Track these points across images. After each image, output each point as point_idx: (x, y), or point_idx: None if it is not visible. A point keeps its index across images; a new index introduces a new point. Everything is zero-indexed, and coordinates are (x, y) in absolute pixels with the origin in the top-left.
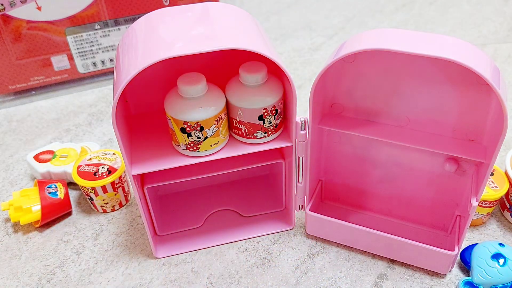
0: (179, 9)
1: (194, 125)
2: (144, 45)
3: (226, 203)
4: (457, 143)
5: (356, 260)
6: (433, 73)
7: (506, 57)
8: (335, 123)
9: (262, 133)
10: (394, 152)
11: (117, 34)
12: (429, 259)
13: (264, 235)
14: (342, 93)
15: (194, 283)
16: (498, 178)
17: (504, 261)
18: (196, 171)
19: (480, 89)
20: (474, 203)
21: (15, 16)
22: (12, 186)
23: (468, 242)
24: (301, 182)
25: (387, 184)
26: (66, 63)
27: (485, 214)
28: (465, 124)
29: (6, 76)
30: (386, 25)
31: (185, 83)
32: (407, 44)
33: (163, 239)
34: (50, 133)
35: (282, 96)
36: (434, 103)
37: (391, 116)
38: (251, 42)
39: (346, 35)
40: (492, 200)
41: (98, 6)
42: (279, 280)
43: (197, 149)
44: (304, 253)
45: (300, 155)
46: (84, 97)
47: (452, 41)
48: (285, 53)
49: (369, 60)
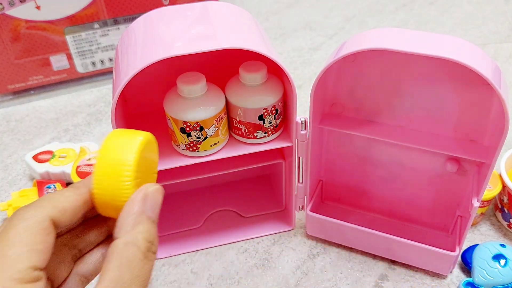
0: (178, 8)
1: (193, 125)
2: (143, 45)
3: (226, 204)
4: (458, 143)
5: (357, 261)
6: (434, 73)
7: (507, 57)
8: (335, 123)
9: (262, 133)
10: (394, 152)
11: (116, 34)
12: (430, 260)
13: (264, 235)
14: (342, 93)
15: (193, 284)
16: (492, 179)
17: (505, 262)
18: (196, 171)
19: (481, 89)
20: (475, 203)
21: (14, 16)
22: (11, 187)
23: (469, 242)
24: (302, 182)
25: (388, 184)
26: (65, 63)
27: (478, 214)
28: (466, 124)
29: (5, 75)
30: (387, 24)
31: (184, 82)
32: (408, 44)
33: (162, 240)
34: (49, 133)
35: (282, 96)
36: (435, 103)
37: (392, 116)
38: (251, 41)
39: (346, 35)
40: (485, 200)
41: (97, 5)
42: (279, 281)
43: (196, 149)
44: (305, 254)
45: (301, 155)
46: (83, 96)
47: (453, 41)
48: (285, 53)
49: (370, 60)
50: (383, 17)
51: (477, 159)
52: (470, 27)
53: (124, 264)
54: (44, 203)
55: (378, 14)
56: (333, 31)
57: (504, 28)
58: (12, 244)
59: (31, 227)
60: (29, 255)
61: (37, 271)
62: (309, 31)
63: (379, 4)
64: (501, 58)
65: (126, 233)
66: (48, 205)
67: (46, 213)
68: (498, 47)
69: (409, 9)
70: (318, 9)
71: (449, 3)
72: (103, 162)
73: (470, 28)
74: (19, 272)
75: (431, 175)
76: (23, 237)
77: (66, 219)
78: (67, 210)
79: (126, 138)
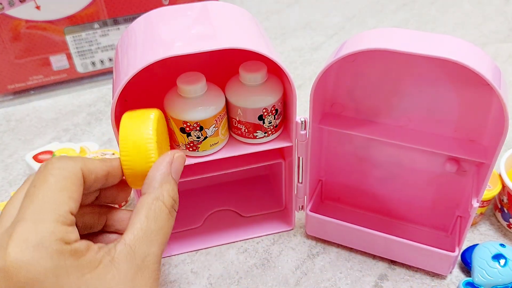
0: (178, 8)
1: (193, 124)
2: (143, 45)
3: (225, 203)
4: (457, 143)
5: (356, 261)
6: (434, 73)
7: (507, 57)
8: (335, 123)
9: (262, 133)
10: (394, 152)
11: (116, 34)
12: (429, 260)
13: (264, 235)
14: (342, 92)
15: (193, 283)
16: (492, 179)
17: (505, 262)
18: (196, 171)
19: (481, 90)
20: (475, 204)
21: (14, 16)
22: (11, 186)
23: (469, 242)
24: (301, 182)
25: (388, 184)
26: (65, 63)
27: (478, 214)
28: (466, 124)
29: (5, 75)
30: (387, 24)
31: (184, 82)
32: (408, 44)
33: None
34: (49, 133)
35: (282, 95)
36: (435, 103)
37: (392, 116)
38: (251, 41)
39: (346, 35)
40: (485, 200)
41: (97, 5)
42: (279, 281)
43: (196, 149)
44: (304, 254)
45: (300, 155)
46: (83, 96)
47: (453, 41)
48: (285, 53)
49: (370, 60)
50: (383, 17)
51: (477, 159)
52: (470, 27)
53: (151, 216)
54: (78, 159)
55: (378, 14)
56: (333, 31)
57: (504, 28)
58: (54, 189)
59: (69, 177)
60: (68, 201)
61: (73, 216)
62: (309, 31)
63: (379, 4)
64: (501, 58)
65: (154, 189)
66: (81, 161)
67: (79, 167)
68: (498, 47)
69: (409, 9)
70: (318, 9)
71: (450, 3)
72: (126, 141)
73: (470, 28)
74: (61, 215)
75: (431, 175)
76: (63, 184)
77: (91, 179)
78: (93, 173)
79: (140, 117)
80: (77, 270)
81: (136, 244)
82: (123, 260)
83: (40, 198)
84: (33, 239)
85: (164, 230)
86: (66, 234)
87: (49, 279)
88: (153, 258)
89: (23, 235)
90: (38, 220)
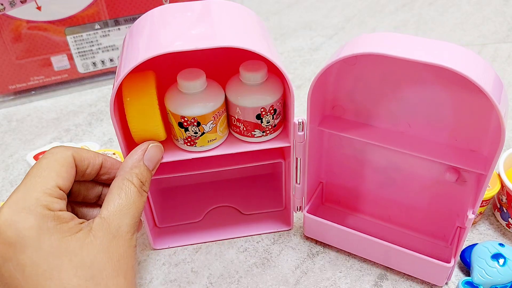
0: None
1: (191, 120)
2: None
3: (226, 200)
4: (458, 152)
5: (356, 260)
6: (434, 80)
7: (506, 57)
8: (335, 126)
9: (260, 132)
10: (394, 157)
11: (117, 34)
12: (425, 270)
13: (263, 233)
14: (343, 95)
15: (194, 283)
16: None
17: (504, 261)
18: (196, 166)
19: (481, 99)
20: (471, 215)
21: (15, 16)
22: (12, 186)
23: (468, 242)
24: (299, 183)
25: (387, 189)
26: (66, 63)
27: (477, 213)
28: (466, 134)
29: (6, 76)
30: (387, 25)
31: (184, 78)
32: (407, 50)
33: (162, 232)
34: (50, 133)
35: (281, 96)
36: (435, 110)
37: (392, 121)
38: (251, 41)
39: (346, 35)
40: (484, 199)
41: (98, 6)
42: (279, 280)
43: (194, 144)
44: (304, 253)
45: (298, 156)
46: (84, 97)
47: (455, 49)
48: (285, 53)
49: (370, 64)
50: (383, 17)
51: (476, 170)
52: (470, 27)
53: (122, 193)
54: (71, 148)
55: (378, 14)
56: (333, 31)
57: (503, 29)
58: (44, 168)
59: (59, 159)
60: (56, 178)
61: (61, 192)
62: (309, 31)
63: (379, 4)
64: (500, 58)
65: (125, 173)
66: (73, 149)
67: (70, 153)
68: (497, 47)
69: (409, 9)
70: (318, 9)
71: (449, 3)
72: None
73: (470, 28)
74: (48, 188)
75: (430, 183)
76: (53, 165)
77: (84, 165)
78: (85, 160)
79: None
80: (58, 232)
81: (110, 217)
82: (99, 229)
83: (33, 175)
84: (21, 204)
85: (135, 204)
86: (51, 203)
87: (33, 236)
88: (126, 228)
89: (14, 201)
90: (28, 190)
